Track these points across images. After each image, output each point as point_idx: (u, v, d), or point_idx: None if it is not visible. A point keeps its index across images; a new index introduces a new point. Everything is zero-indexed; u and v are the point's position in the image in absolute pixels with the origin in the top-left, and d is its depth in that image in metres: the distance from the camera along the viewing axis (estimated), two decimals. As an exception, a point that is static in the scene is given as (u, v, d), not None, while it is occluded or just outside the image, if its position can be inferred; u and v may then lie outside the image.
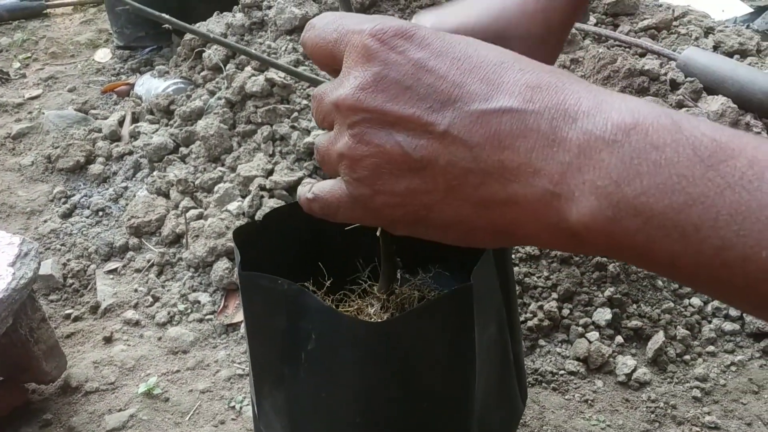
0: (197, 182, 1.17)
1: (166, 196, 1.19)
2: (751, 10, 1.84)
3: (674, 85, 1.14)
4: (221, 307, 1.00)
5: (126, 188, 1.26)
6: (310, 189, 0.42)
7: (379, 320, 0.59)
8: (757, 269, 0.29)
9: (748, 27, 1.67)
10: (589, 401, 0.87)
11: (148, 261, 1.11)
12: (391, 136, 0.36)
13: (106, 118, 1.48)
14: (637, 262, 0.33)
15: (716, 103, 1.09)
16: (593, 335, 0.92)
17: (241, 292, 0.61)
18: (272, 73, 1.22)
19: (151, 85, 1.47)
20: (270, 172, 1.13)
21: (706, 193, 0.30)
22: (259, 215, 1.06)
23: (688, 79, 1.13)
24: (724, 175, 0.30)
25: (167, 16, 0.48)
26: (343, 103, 0.37)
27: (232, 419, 0.86)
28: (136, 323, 1.02)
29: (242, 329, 0.97)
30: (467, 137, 0.35)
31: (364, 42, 0.37)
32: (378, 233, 0.54)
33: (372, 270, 0.68)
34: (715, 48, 1.36)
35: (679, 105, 1.10)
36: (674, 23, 1.42)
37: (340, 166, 0.39)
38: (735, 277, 0.30)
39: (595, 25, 1.42)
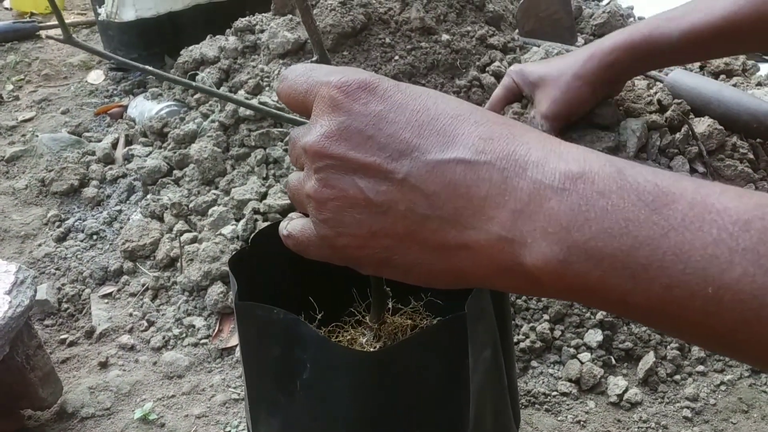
0: (191, 205, 1.18)
1: (161, 219, 1.20)
2: (737, 28, 1.86)
3: (662, 107, 1.16)
4: (216, 331, 1.01)
5: (120, 211, 1.27)
6: (286, 226, 0.45)
7: (372, 349, 0.60)
8: (704, 305, 0.31)
9: (733, 46, 1.70)
10: (582, 422, 0.88)
11: (143, 285, 1.11)
12: (353, 181, 0.38)
13: (99, 140, 1.49)
14: (591, 302, 0.36)
15: (703, 124, 1.11)
16: (585, 356, 0.93)
17: (236, 321, 0.62)
18: (266, 97, 1.23)
19: (144, 108, 1.48)
20: (264, 196, 1.14)
21: (651, 236, 0.32)
22: (240, 230, 1.07)
23: (676, 100, 1.15)
24: (667, 217, 0.32)
25: (150, 68, 0.50)
26: (311, 149, 0.40)
27: (228, 444, 0.87)
28: (132, 348, 1.02)
29: (237, 353, 0.98)
30: (424, 186, 0.37)
31: (330, 94, 0.39)
32: None
33: (365, 297, 0.68)
34: (701, 68, 1.39)
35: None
36: (661, 44, 1.44)
37: (309, 207, 0.41)
38: (685, 313, 0.32)
39: (584, 45, 1.44)
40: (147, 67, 0.45)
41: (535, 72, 1.01)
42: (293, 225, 0.44)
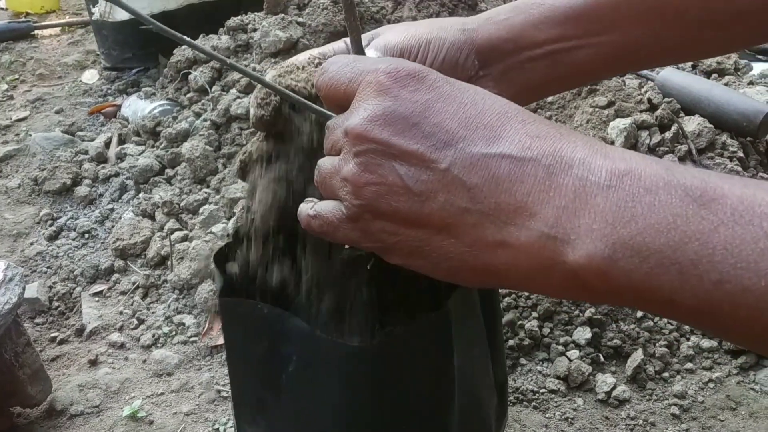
0: (183, 204, 1.18)
1: (152, 218, 1.20)
2: (731, 28, 1.86)
3: (652, 105, 1.16)
4: (205, 329, 1.01)
5: (112, 210, 1.27)
6: (312, 207, 0.43)
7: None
8: (756, 299, 0.30)
9: (726, 45, 1.70)
10: (570, 419, 0.88)
11: (134, 283, 1.11)
12: (393, 168, 0.38)
13: (92, 139, 1.49)
14: (635, 302, 0.34)
15: (693, 123, 1.11)
16: (573, 354, 0.94)
17: (220, 318, 0.62)
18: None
19: (137, 107, 1.49)
20: (255, 194, 1.15)
21: (701, 230, 0.31)
22: (230, 228, 1.07)
23: (666, 99, 1.15)
24: (716, 212, 0.31)
25: (187, 39, 0.49)
26: (352, 132, 0.39)
27: (216, 441, 0.87)
28: (121, 346, 1.02)
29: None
30: (466, 178, 0.36)
31: (378, 79, 0.39)
32: (368, 267, 0.55)
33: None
34: (694, 67, 1.39)
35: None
36: (653, 43, 1.44)
37: (342, 191, 0.40)
38: (736, 310, 0.31)
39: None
40: (185, 37, 0.44)
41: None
42: (322, 206, 0.42)
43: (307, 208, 0.44)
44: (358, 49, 0.51)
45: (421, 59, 0.54)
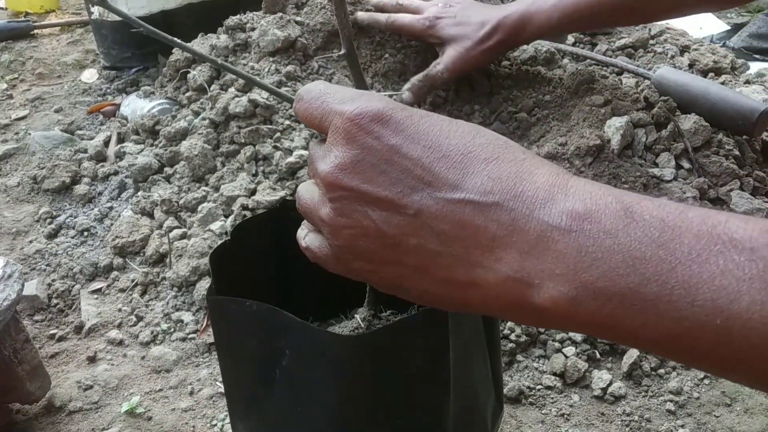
0: (181, 202, 1.18)
1: (151, 215, 1.21)
2: (728, 27, 1.87)
3: (649, 104, 1.17)
4: (203, 326, 1.02)
5: (111, 208, 1.28)
6: (304, 238, 0.46)
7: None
8: (714, 335, 0.32)
9: (724, 45, 1.71)
10: (566, 415, 0.89)
11: (132, 281, 1.12)
12: (366, 213, 0.40)
13: (92, 138, 1.49)
14: (601, 336, 0.37)
15: (689, 121, 1.12)
16: (570, 350, 0.94)
17: (210, 317, 0.62)
18: (255, 94, 1.24)
19: (136, 106, 1.49)
20: (253, 192, 1.15)
21: (659, 272, 0.33)
22: (228, 226, 1.08)
23: (662, 98, 1.16)
24: (674, 252, 0.33)
25: (182, 43, 0.50)
26: (326, 179, 0.41)
27: (214, 437, 0.87)
28: (120, 343, 1.03)
29: (225, 348, 0.98)
30: (434, 224, 0.38)
31: (344, 126, 0.40)
32: None
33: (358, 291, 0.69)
34: (691, 66, 1.39)
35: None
36: (651, 42, 1.45)
37: (323, 230, 0.43)
38: (696, 344, 0.33)
39: (573, 44, 1.45)
40: (176, 39, 0.45)
41: (447, 32, 1.15)
42: (311, 240, 0.45)
43: (301, 236, 0.47)
44: (349, 45, 0.53)
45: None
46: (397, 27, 1.24)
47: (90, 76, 1.85)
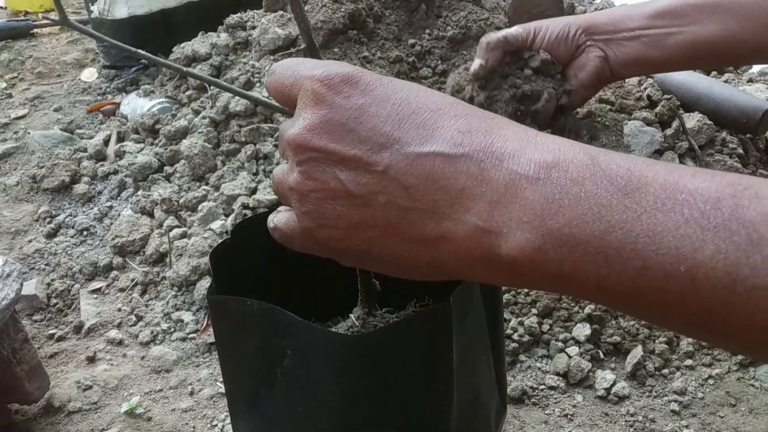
0: (181, 201, 1.17)
1: (151, 215, 1.20)
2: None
3: (652, 102, 1.16)
4: (204, 325, 1.01)
5: (111, 207, 1.27)
6: (273, 218, 0.45)
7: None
8: (678, 285, 0.32)
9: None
10: (569, 416, 0.88)
11: (132, 280, 1.11)
12: (334, 174, 0.39)
13: (91, 137, 1.49)
14: (567, 290, 0.36)
15: (693, 120, 1.11)
16: (573, 350, 0.93)
17: (210, 316, 0.61)
18: (256, 93, 1.23)
19: (136, 105, 1.48)
20: (253, 191, 1.14)
21: (624, 219, 0.33)
22: (228, 225, 1.07)
23: (665, 96, 1.15)
24: (639, 201, 0.33)
25: (143, 52, 0.50)
26: (293, 142, 0.40)
27: (215, 438, 0.87)
28: (120, 342, 1.02)
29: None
30: (403, 178, 0.38)
31: (313, 87, 0.40)
32: None
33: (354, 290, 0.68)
34: (693, 65, 1.39)
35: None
36: (653, 41, 1.44)
37: (291, 199, 0.42)
38: (660, 296, 0.32)
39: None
40: (145, 53, 0.45)
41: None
42: (279, 218, 0.45)
43: (270, 219, 0.46)
44: (308, 39, 0.53)
45: (541, 37, 0.90)
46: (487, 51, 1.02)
47: (90, 75, 1.84)
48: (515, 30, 0.96)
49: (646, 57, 0.88)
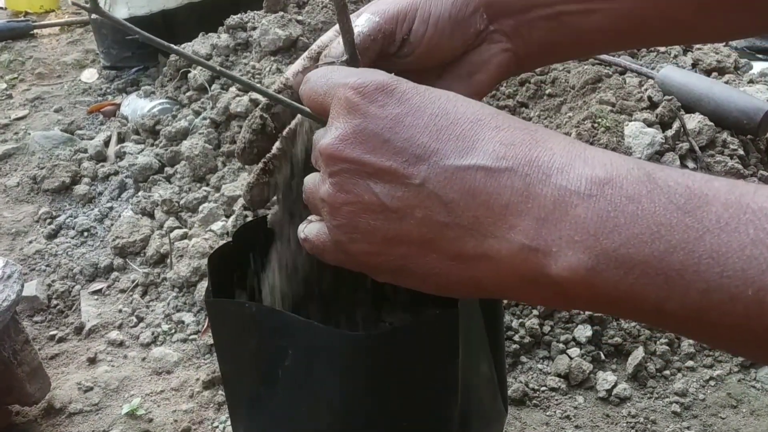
0: (182, 202, 1.17)
1: (151, 216, 1.20)
2: (731, 27, 1.86)
3: (653, 103, 1.16)
4: (205, 327, 1.01)
5: (111, 208, 1.27)
6: (303, 229, 0.43)
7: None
8: (744, 307, 0.30)
9: (727, 44, 1.70)
10: (570, 417, 0.88)
11: (133, 281, 1.11)
12: (368, 186, 0.37)
13: (92, 138, 1.49)
14: (622, 312, 0.34)
15: (693, 121, 1.11)
16: (574, 351, 0.93)
17: (209, 319, 0.61)
18: (256, 94, 1.23)
19: (136, 106, 1.48)
20: (254, 192, 1.14)
21: (686, 239, 0.31)
22: (229, 226, 1.07)
23: (666, 97, 1.15)
24: (701, 220, 0.31)
25: (175, 47, 0.49)
26: (325, 152, 0.38)
27: (216, 439, 0.87)
28: (120, 344, 1.02)
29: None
30: (442, 193, 0.36)
31: (347, 95, 0.38)
32: None
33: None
34: (694, 65, 1.39)
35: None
36: (653, 41, 1.44)
37: (323, 211, 0.40)
38: (724, 318, 0.31)
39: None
40: (172, 45, 0.44)
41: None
42: (310, 228, 0.43)
43: (300, 230, 0.44)
44: (351, 50, 0.51)
45: (422, 18, 0.51)
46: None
47: (90, 75, 1.84)
48: (370, 24, 0.62)
49: (563, 41, 0.64)
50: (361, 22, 0.52)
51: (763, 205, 0.30)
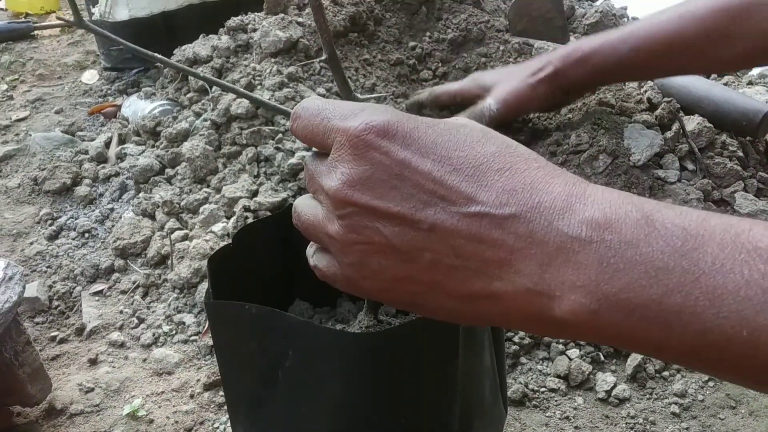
0: (183, 203, 1.18)
1: (152, 217, 1.20)
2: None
3: (652, 105, 1.16)
4: (205, 328, 1.01)
5: (112, 210, 1.27)
6: (312, 256, 0.45)
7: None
8: (740, 348, 0.31)
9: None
10: (570, 418, 0.88)
11: (134, 282, 1.11)
12: (378, 229, 0.39)
13: (92, 139, 1.49)
14: (623, 347, 0.36)
15: (692, 122, 1.11)
16: (574, 352, 0.94)
17: (209, 321, 0.62)
18: (257, 95, 1.23)
19: (137, 107, 1.49)
20: (255, 193, 1.15)
21: (683, 282, 0.32)
22: (230, 227, 1.07)
23: (665, 99, 1.15)
24: (697, 262, 0.32)
25: (160, 56, 0.50)
26: (334, 196, 0.39)
27: (217, 440, 0.87)
28: (122, 345, 1.02)
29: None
30: (450, 238, 0.37)
31: (350, 142, 0.39)
32: None
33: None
34: (693, 67, 1.39)
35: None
36: (653, 43, 1.44)
37: (332, 248, 0.41)
38: (721, 356, 0.32)
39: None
40: (156, 55, 0.45)
41: (490, 77, 1.08)
42: (319, 259, 0.44)
43: (309, 254, 0.45)
44: (330, 50, 0.52)
45: (523, 105, 1.02)
46: (437, 93, 1.15)
47: (91, 77, 1.85)
48: (498, 108, 1.02)
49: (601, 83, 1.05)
50: (491, 105, 1.01)
51: (758, 245, 0.31)
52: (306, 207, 0.43)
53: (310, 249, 0.46)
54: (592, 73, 1.00)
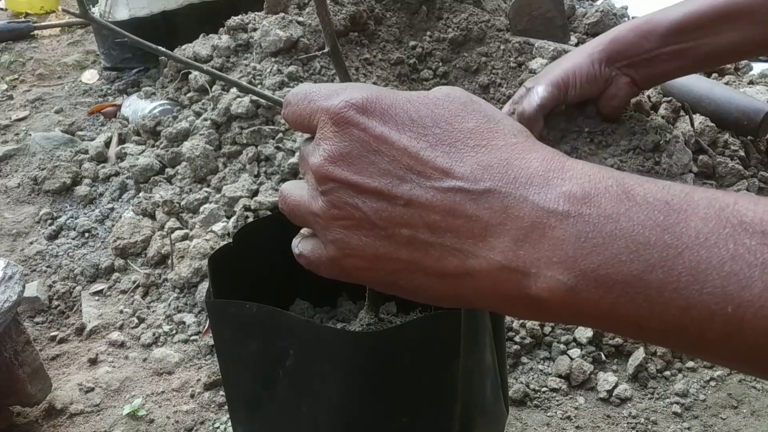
0: (183, 203, 1.18)
1: (152, 217, 1.20)
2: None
3: (653, 105, 1.16)
4: (206, 327, 1.01)
5: (112, 209, 1.27)
6: (298, 245, 0.45)
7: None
8: (724, 324, 0.30)
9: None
10: (571, 418, 0.88)
11: (134, 282, 1.11)
12: (357, 205, 0.39)
13: (92, 139, 1.49)
14: (603, 327, 0.34)
15: (695, 121, 1.11)
16: (575, 352, 0.93)
17: (209, 321, 0.61)
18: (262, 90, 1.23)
19: (137, 107, 1.49)
20: (255, 193, 1.14)
21: (665, 257, 0.31)
22: (230, 227, 1.07)
23: (666, 98, 1.15)
24: (680, 236, 0.31)
25: (164, 50, 0.50)
26: (317, 172, 0.40)
27: (217, 440, 0.87)
28: (122, 345, 1.02)
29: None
30: (425, 214, 0.37)
31: (331, 119, 0.39)
32: None
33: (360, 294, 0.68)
34: (694, 67, 1.38)
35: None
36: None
37: (315, 226, 0.42)
38: (704, 333, 0.31)
39: (576, 45, 1.44)
40: (161, 48, 0.44)
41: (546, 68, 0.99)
42: (304, 245, 0.44)
43: (295, 245, 0.45)
44: (333, 42, 0.53)
45: (574, 85, 0.89)
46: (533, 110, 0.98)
47: (91, 76, 1.84)
48: (546, 91, 0.90)
49: (668, 71, 0.92)
50: (540, 92, 0.89)
51: (743, 219, 0.30)
52: (293, 188, 0.44)
53: (296, 240, 0.46)
54: (653, 48, 0.90)
